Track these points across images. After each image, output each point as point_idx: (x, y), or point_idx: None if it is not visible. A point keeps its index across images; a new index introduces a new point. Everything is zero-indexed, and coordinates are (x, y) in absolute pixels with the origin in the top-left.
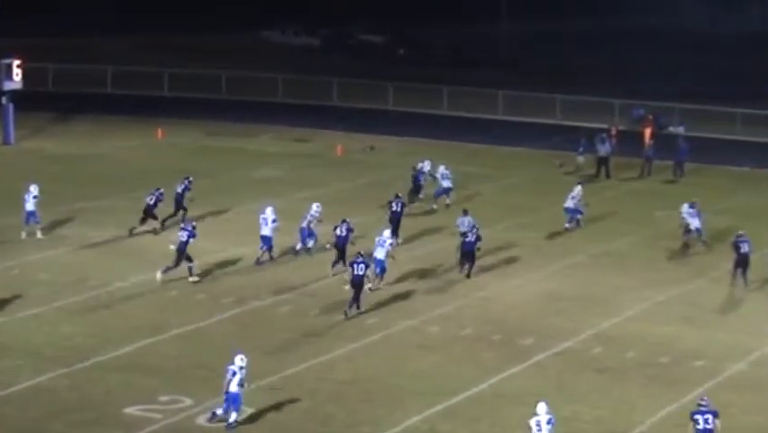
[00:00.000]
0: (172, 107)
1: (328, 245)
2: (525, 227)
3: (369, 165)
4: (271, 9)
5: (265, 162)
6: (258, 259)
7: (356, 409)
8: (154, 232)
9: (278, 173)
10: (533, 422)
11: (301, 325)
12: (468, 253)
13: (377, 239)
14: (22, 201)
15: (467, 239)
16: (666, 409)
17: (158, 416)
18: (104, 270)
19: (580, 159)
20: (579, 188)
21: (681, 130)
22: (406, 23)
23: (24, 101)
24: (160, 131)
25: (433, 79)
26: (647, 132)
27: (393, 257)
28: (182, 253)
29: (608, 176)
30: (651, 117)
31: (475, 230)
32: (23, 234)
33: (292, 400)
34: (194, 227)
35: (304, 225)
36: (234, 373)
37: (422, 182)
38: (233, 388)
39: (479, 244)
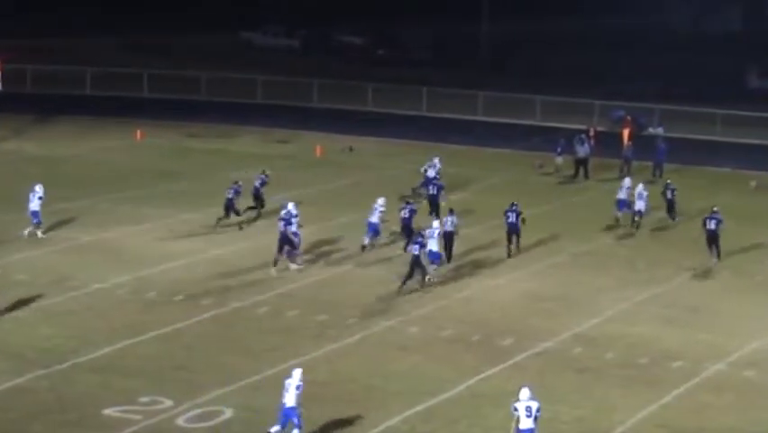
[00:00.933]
0: (152, 108)
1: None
2: None
3: (348, 166)
4: (252, 10)
5: (245, 163)
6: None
7: (335, 411)
8: (239, 227)
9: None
10: (521, 406)
11: (280, 326)
12: (513, 232)
13: (427, 231)
14: (27, 201)
15: (509, 220)
16: (647, 409)
17: (137, 417)
18: (83, 271)
19: (559, 160)
20: (628, 180)
21: (660, 131)
22: (387, 23)
23: (3, 102)
24: (139, 132)
25: (413, 80)
26: (626, 133)
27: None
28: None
29: (586, 177)
30: (630, 118)
31: (515, 208)
32: (25, 233)
33: (271, 401)
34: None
35: (372, 219)
36: (298, 387)
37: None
38: (290, 402)
39: (522, 216)
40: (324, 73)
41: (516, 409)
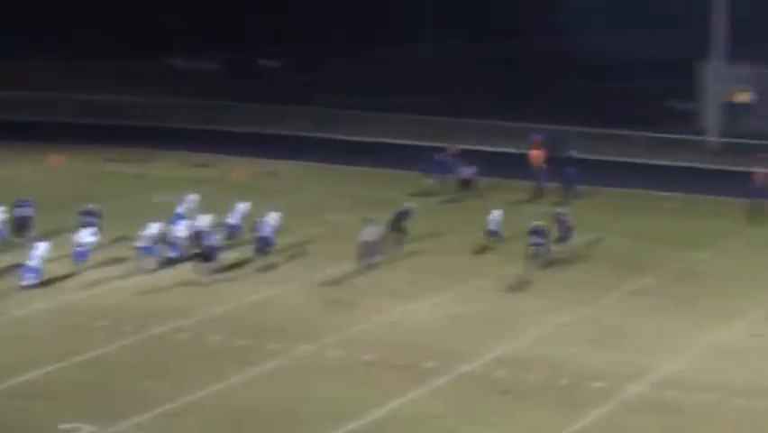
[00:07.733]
0: (71, 133)
1: None
2: (428, 251)
3: (270, 190)
4: (174, 33)
5: (165, 187)
6: None
7: None
8: None
9: (179, 198)
10: None
11: (201, 351)
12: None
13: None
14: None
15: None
16: (567, 430)
17: None
18: (5, 297)
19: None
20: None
21: (573, 153)
22: (307, 48)
23: None
24: (57, 156)
25: (330, 104)
26: (537, 154)
27: None
28: None
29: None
30: (539, 139)
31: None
32: None
33: (190, 428)
34: None
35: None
36: None
37: None
38: None
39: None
40: (245, 97)
41: None
